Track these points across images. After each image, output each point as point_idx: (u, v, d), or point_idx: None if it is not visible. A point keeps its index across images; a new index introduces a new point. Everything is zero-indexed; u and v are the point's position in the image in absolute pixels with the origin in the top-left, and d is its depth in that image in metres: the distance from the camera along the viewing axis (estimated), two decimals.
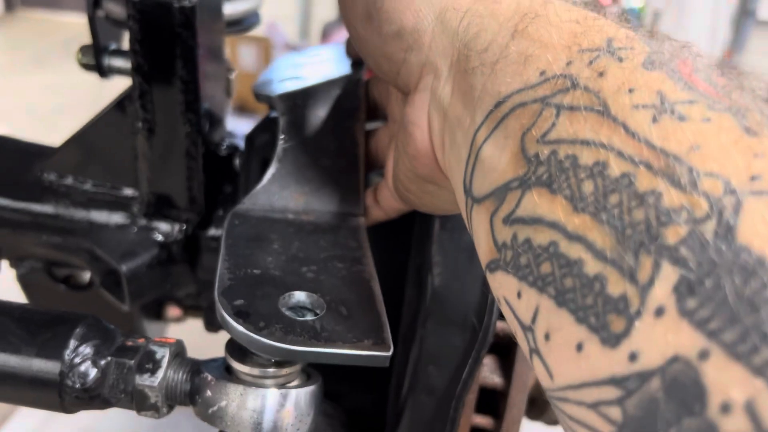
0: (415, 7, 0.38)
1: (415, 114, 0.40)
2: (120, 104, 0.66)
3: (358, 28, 0.43)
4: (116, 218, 0.70)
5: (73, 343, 0.44)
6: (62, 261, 0.74)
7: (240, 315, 0.40)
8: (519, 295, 0.28)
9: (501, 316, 0.53)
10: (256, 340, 0.38)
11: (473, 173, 0.32)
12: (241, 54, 2.73)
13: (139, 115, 0.63)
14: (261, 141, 0.65)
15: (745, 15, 3.70)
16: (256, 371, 0.43)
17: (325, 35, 3.14)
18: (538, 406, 0.69)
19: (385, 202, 0.53)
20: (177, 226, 0.70)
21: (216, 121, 0.69)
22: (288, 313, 0.41)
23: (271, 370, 0.44)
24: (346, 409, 0.59)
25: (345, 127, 0.56)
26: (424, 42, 0.38)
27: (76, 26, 4.16)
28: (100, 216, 0.70)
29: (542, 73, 0.29)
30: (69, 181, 0.71)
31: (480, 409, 0.55)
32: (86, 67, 0.76)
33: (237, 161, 0.71)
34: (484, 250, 0.31)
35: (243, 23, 0.75)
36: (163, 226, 0.70)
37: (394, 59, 0.41)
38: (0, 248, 0.56)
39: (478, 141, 0.32)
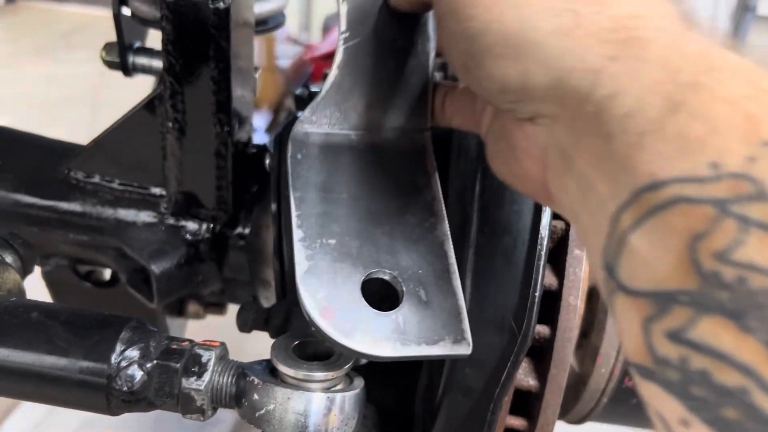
0: (522, 67, 0.34)
1: (527, 143, 0.37)
2: (150, 104, 0.66)
3: (456, 66, 0.40)
4: (144, 217, 0.70)
5: (119, 347, 0.45)
6: (88, 259, 0.74)
7: (326, 314, 0.40)
8: (686, 423, 0.25)
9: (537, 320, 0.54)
10: (346, 348, 0.39)
11: (619, 257, 0.29)
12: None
13: (169, 115, 0.63)
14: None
15: (744, 10, 3.70)
16: (302, 374, 0.44)
17: (326, 29, 3.14)
18: (563, 404, 0.70)
19: (454, 112, 0.49)
20: (205, 225, 0.70)
21: (243, 120, 0.69)
22: (371, 307, 0.41)
23: (317, 374, 0.44)
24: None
25: (412, 19, 0.49)
26: (534, 96, 0.34)
27: (77, 17, 4.14)
28: (128, 214, 0.70)
29: (714, 165, 0.25)
30: (96, 179, 0.71)
31: (513, 410, 0.55)
32: (110, 64, 0.76)
33: (267, 161, 0.71)
34: (631, 348, 0.28)
35: (270, 23, 0.75)
36: (191, 224, 0.70)
37: (499, 103, 0.38)
38: (34, 246, 0.56)
39: (623, 223, 0.28)
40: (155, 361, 0.45)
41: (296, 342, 0.46)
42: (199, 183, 0.68)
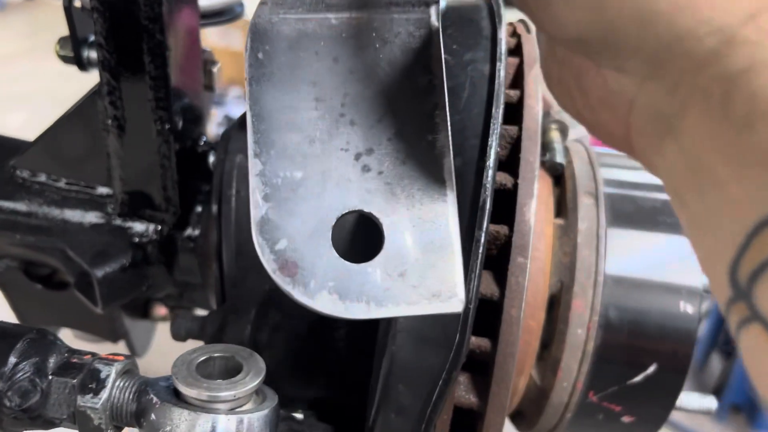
0: (607, 16, 0.27)
1: (606, 92, 0.31)
2: (90, 100, 0.63)
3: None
4: (90, 217, 0.68)
5: (12, 360, 0.42)
6: (37, 261, 0.72)
7: (286, 269, 0.34)
8: None
9: (474, 332, 0.50)
10: (310, 307, 0.33)
11: (760, 281, 0.23)
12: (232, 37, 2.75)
13: (108, 112, 0.61)
14: (237, 143, 0.62)
15: None
16: (202, 395, 0.40)
17: None
18: (527, 418, 0.66)
19: None
20: (152, 227, 0.67)
21: (193, 117, 0.66)
22: (341, 259, 0.34)
23: (219, 393, 0.41)
24: (338, 412, 0.56)
25: None
26: (621, 52, 0.29)
27: None
28: (74, 215, 0.68)
29: None
30: (42, 178, 0.68)
31: (457, 429, 0.52)
32: (65, 59, 0.73)
33: (211, 159, 0.68)
34: (761, 385, 0.24)
35: (226, 14, 0.72)
36: (138, 226, 0.67)
37: (570, 49, 0.32)
38: None
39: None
40: (51, 377, 0.42)
41: (202, 358, 0.43)
42: (144, 183, 0.65)
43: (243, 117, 0.64)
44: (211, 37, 2.76)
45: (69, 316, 0.76)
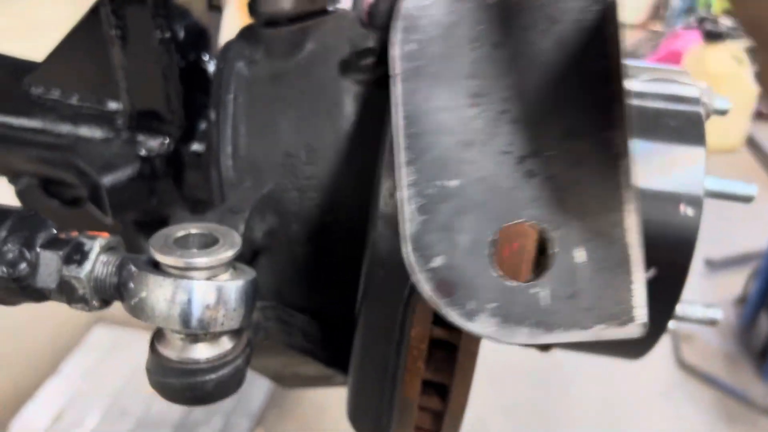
0: None
1: None
2: (95, 12, 0.65)
3: None
4: (100, 132, 0.70)
5: (1, 234, 0.44)
6: (54, 177, 0.74)
7: (443, 289, 0.30)
8: None
9: None
10: (470, 330, 0.30)
11: None
12: None
13: (111, 22, 0.62)
14: (236, 51, 0.63)
15: None
16: (177, 261, 0.42)
17: None
18: None
19: None
20: (159, 140, 0.69)
21: (197, 29, 0.67)
22: (504, 277, 0.31)
23: (195, 260, 0.42)
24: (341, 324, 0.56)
25: None
26: None
27: None
28: (86, 130, 0.70)
29: None
30: (56, 95, 0.70)
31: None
32: None
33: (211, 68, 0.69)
34: None
35: None
36: (146, 139, 0.69)
37: None
38: None
39: None
40: (38, 250, 0.44)
41: (180, 233, 0.44)
42: (149, 95, 0.66)
43: (244, 27, 0.64)
44: None
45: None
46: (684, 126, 0.60)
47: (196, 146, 0.70)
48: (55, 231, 0.46)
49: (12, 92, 0.71)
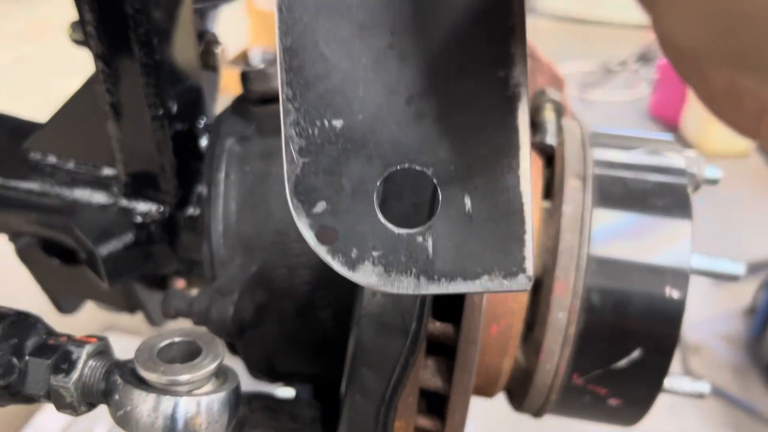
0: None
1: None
2: (90, 84, 0.66)
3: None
4: (97, 198, 0.71)
5: None
6: (53, 238, 0.76)
7: (325, 236, 0.29)
8: None
9: (440, 318, 0.51)
10: (352, 279, 0.29)
11: None
12: None
13: (105, 98, 0.63)
14: (229, 127, 0.63)
15: None
16: (162, 378, 0.43)
17: None
18: (516, 397, 0.66)
19: None
20: (155, 207, 0.70)
21: (190, 99, 0.68)
22: (388, 224, 0.29)
23: (179, 377, 0.43)
24: (334, 387, 0.57)
25: None
26: None
27: None
28: (83, 195, 0.71)
29: None
30: (53, 159, 0.71)
31: (427, 410, 0.53)
32: (78, 42, 0.76)
33: (203, 141, 0.70)
34: None
35: None
36: (141, 206, 0.70)
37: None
38: None
39: None
40: (27, 357, 0.45)
41: (164, 343, 0.45)
42: (144, 165, 0.67)
43: (236, 100, 0.65)
44: None
45: (87, 289, 0.80)
46: (670, 199, 0.60)
47: (192, 210, 0.71)
48: (45, 335, 0.47)
49: (11, 155, 0.72)
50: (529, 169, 0.29)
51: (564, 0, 5.12)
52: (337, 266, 0.29)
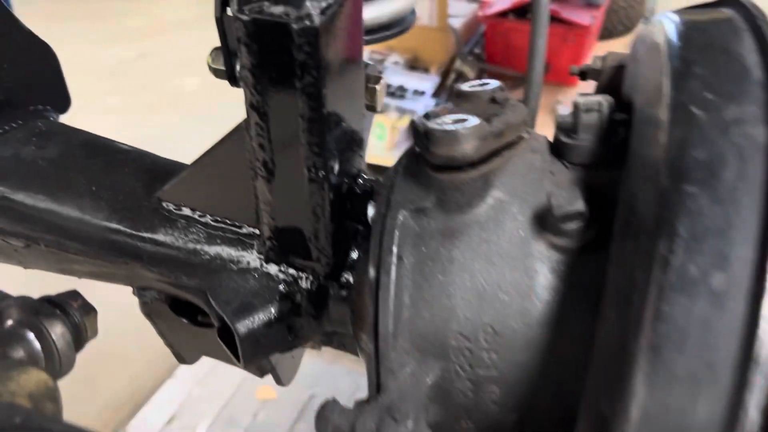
0: None
1: None
2: (239, 134, 0.55)
3: None
4: (237, 259, 0.60)
5: None
6: (182, 297, 0.66)
7: None
8: None
9: None
10: None
11: None
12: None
13: (256, 154, 0.52)
14: (402, 195, 0.51)
15: None
16: None
17: None
18: None
19: None
20: (303, 275, 0.59)
21: (352, 153, 0.57)
22: None
23: None
24: None
25: None
26: None
27: None
28: (219, 255, 0.61)
29: None
30: (187, 212, 0.62)
31: None
32: (216, 72, 0.66)
33: (370, 210, 0.58)
34: None
35: (395, 26, 0.60)
36: (287, 274, 0.59)
37: None
38: (93, 311, 0.49)
39: None
40: None
41: None
42: (294, 230, 0.56)
43: (408, 159, 0.53)
44: None
45: (216, 351, 0.70)
46: None
47: (344, 279, 0.59)
48: None
49: (143, 204, 0.63)
50: None
51: None
52: None
